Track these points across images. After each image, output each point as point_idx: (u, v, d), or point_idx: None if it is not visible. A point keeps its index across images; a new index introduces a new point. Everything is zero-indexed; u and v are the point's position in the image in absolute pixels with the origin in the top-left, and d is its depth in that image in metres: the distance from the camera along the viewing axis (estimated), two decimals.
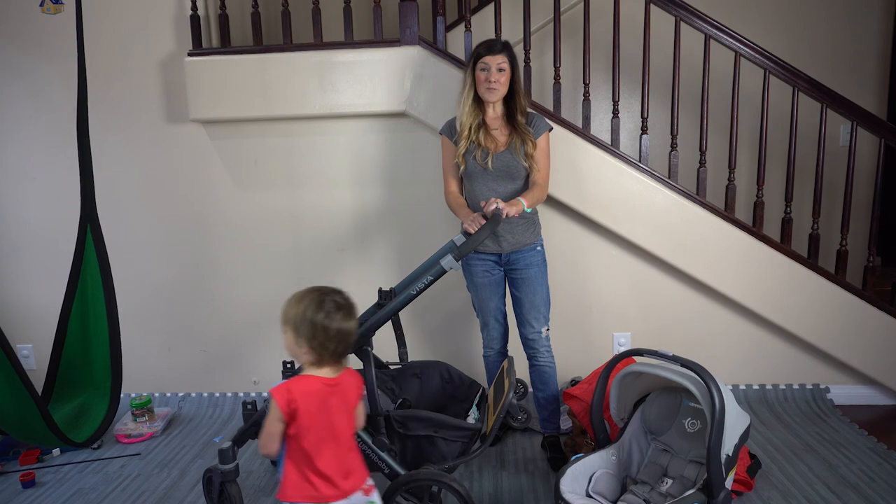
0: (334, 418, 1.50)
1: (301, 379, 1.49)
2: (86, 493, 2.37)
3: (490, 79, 2.23)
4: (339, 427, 1.51)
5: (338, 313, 1.48)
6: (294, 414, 1.45)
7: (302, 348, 1.49)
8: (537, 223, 2.40)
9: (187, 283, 3.06)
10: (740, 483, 2.17)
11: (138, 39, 2.88)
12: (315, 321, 1.46)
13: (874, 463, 2.38)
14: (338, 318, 1.48)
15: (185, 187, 2.99)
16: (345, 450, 1.53)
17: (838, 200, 2.84)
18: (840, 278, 2.77)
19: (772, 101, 2.73)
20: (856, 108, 2.65)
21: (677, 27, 2.67)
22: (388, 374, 2.50)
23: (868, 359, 2.81)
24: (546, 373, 2.41)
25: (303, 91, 2.75)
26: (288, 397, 1.44)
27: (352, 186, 2.93)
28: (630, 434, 2.10)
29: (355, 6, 2.85)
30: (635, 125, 3.15)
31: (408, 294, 2.05)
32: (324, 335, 1.47)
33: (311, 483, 1.47)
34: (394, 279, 2.68)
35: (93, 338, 2.74)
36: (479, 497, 2.25)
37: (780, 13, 3.35)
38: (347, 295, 1.54)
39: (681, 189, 2.73)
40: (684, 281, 2.87)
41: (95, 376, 2.79)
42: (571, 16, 3.16)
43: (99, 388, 2.80)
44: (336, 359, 1.52)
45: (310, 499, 1.48)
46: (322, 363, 1.51)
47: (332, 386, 1.51)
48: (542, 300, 2.37)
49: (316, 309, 1.47)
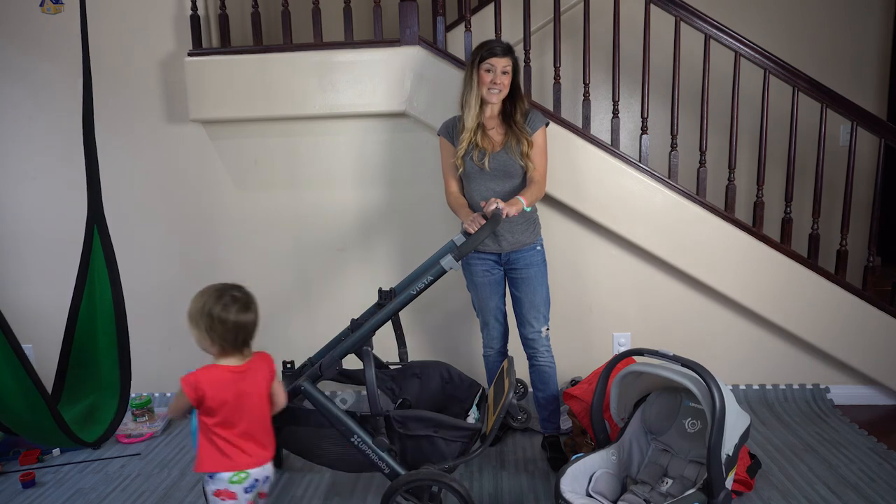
0: (245, 401, 1.64)
1: (209, 369, 1.62)
2: (86, 493, 2.37)
3: (495, 80, 2.23)
4: (249, 408, 1.65)
5: (234, 306, 1.60)
6: (202, 400, 1.59)
7: (205, 341, 1.61)
8: (537, 223, 2.40)
9: (187, 282, 3.02)
10: (740, 483, 2.17)
11: (138, 39, 2.88)
12: (213, 314, 1.58)
13: (874, 463, 2.38)
14: (234, 310, 1.60)
15: (185, 187, 2.99)
16: (257, 426, 1.67)
17: (838, 200, 2.84)
18: (840, 278, 2.77)
19: (772, 101, 2.73)
20: (856, 108, 2.65)
21: (677, 27, 2.68)
22: (388, 374, 2.50)
23: (868, 359, 2.81)
24: (546, 373, 2.41)
25: (303, 91, 2.75)
26: (195, 387, 1.57)
27: (352, 186, 2.93)
28: (630, 434, 2.10)
29: (355, 6, 2.85)
30: (635, 125, 3.15)
31: (408, 294, 2.05)
32: (222, 327, 1.59)
33: (224, 454, 1.63)
34: (394, 279, 2.68)
35: (101, 338, 2.73)
36: (479, 497, 2.25)
37: (780, 13, 3.35)
38: (247, 290, 1.67)
39: (681, 189, 2.73)
40: (684, 281, 2.88)
41: (104, 376, 2.78)
42: (571, 16, 3.16)
43: (108, 388, 2.79)
44: (239, 348, 1.65)
45: (225, 468, 1.63)
46: (227, 353, 1.64)
47: (240, 373, 1.64)
48: (541, 300, 2.37)
49: (214, 303, 1.59)
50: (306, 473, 2.45)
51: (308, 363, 2.42)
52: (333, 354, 2.07)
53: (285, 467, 2.50)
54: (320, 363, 2.09)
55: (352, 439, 1.99)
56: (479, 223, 2.15)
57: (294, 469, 2.49)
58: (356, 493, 2.30)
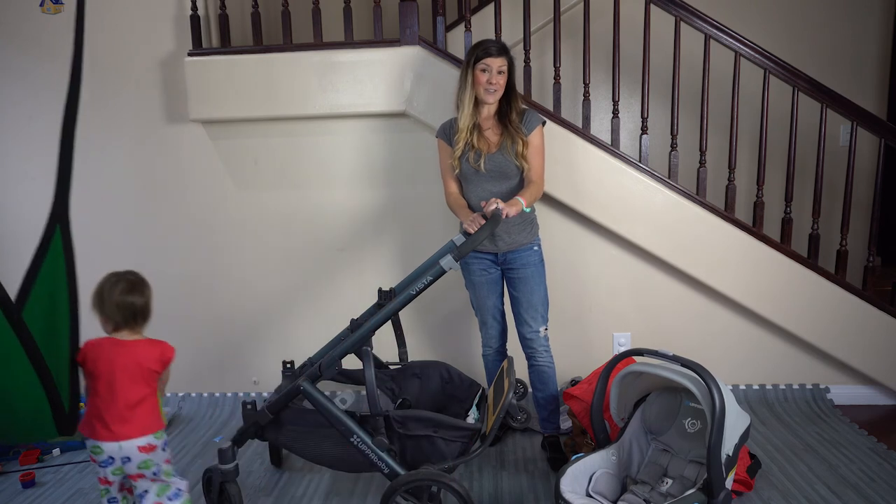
0: (116, 374, 1.76)
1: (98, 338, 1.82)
2: (86, 493, 2.37)
3: (491, 80, 2.23)
4: (119, 382, 1.76)
5: (118, 286, 1.79)
6: (84, 362, 1.78)
7: (99, 318, 1.81)
8: (534, 223, 2.41)
9: (187, 282, 3.06)
10: (740, 483, 2.17)
11: (138, 39, 2.88)
12: (102, 294, 1.79)
13: (874, 463, 2.38)
14: (118, 291, 1.79)
15: (184, 187, 2.99)
16: (122, 404, 1.76)
17: (838, 200, 2.84)
18: (840, 278, 2.77)
19: (772, 101, 2.73)
20: (856, 108, 2.65)
21: (677, 27, 2.67)
22: (388, 374, 2.50)
23: (868, 359, 2.81)
24: (545, 373, 2.41)
25: (303, 91, 2.75)
26: (83, 349, 1.79)
27: (352, 186, 2.93)
28: (630, 434, 2.10)
29: (355, 6, 2.85)
30: (635, 125, 3.15)
31: (407, 294, 2.05)
32: (109, 305, 1.78)
33: (90, 423, 1.77)
34: (394, 279, 2.68)
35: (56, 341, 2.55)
36: (479, 497, 2.25)
37: (780, 13, 3.35)
38: (141, 276, 1.87)
39: (681, 189, 2.73)
40: (684, 281, 2.87)
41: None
42: (571, 16, 3.16)
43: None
44: (128, 326, 1.81)
45: (89, 435, 1.78)
46: (118, 329, 1.81)
47: (120, 345, 1.79)
48: (539, 299, 2.37)
49: (105, 284, 1.80)
50: (306, 473, 2.45)
51: (308, 363, 2.42)
52: (333, 354, 2.07)
53: (285, 467, 2.51)
54: (320, 363, 2.09)
55: (351, 439, 1.99)
56: (479, 223, 2.15)
57: (294, 469, 2.49)
58: (356, 493, 2.30)
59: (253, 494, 2.31)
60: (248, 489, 2.34)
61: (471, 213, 2.25)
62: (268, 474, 2.46)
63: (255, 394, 3.11)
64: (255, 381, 3.12)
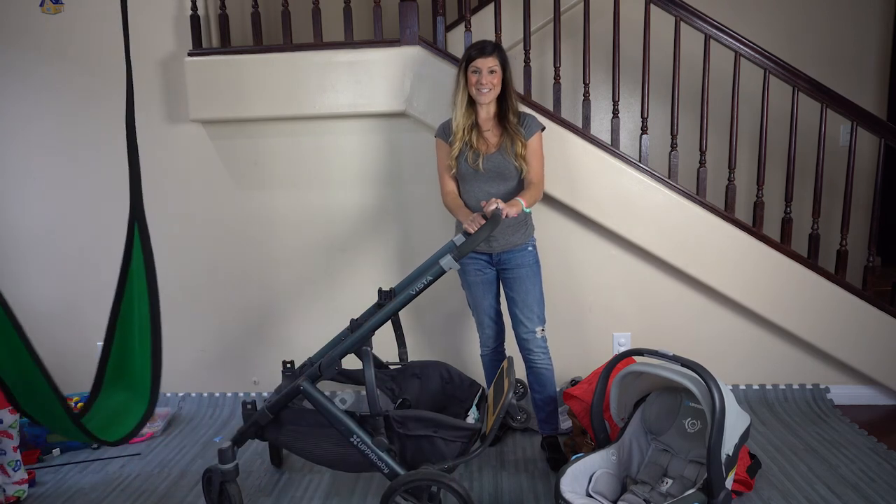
0: None
1: None
2: (86, 493, 2.37)
3: (481, 81, 2.24)
4: None
5: None
6: None
7: None
8: (529, 224, 2.41)
9: (187, 282, 3.06)
10: (740, 483, 2.17)
11: (138, 39, 2.86)
12: None
13: (874, 463, 2.38)
14: None
15: (184, 187, 2.99)
16: None
17: (838, 200, 2.84)
18: (840, 278, 2.77)
19: (772, 101, 2.73)
20: (856, 108, 2.65)
21: (677, 27, 2.67)
22: (388, 374, 2.50)
23: (868, 359, 2.81)
24: (543, 374, 2.41)
25: (303, 91, 2.75)
26: None
27: (352, 186, 2.93)
28: (630, 434, 2.10)
29: (355, 6, 2.85)
30: (635, 125, 3.15)
31: (407, 294, 2.05)
32: None
33: None
34: (394, 279, 2.68)
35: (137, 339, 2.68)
36: (479, 497, 2.25)
37: (780, 13, 3.35)
38: None
39: (681, 189, 2.73)
40: (684, 281, 2.87)
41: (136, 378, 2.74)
42: (571, 16, 3.16)
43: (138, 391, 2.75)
44: None
45: None
46: None
47: None
48: (534, 300, 2.37)
49: None
50: (306, 473, 2.45)
51: (308, 363, 2.42)
52: (333, 354, 2.07)
53: (285, 467, 2.51)
54: (320, 363, 2.09)
55: (351, 439, 1.99)
56: (478, 223, 2.15)
57: (294, 469, 2.49)
58: (356, 493, 2.30)
59: (253, 494, 2.31)
60: (248, 489, 2.34)
61: (469, 213, 2.25)
62: (268, 474, 2.46)
63: (255, 394, 3.11)
64: (255, 381, 3.12)
